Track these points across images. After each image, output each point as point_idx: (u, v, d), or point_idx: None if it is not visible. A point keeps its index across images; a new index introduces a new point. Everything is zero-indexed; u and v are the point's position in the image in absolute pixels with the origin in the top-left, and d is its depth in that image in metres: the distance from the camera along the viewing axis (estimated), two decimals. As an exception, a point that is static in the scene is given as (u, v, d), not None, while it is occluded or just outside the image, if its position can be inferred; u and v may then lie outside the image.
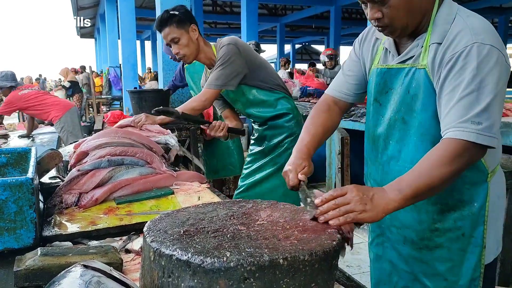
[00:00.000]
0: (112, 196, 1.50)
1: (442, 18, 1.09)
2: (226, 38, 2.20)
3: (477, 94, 0.98)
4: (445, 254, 1.16)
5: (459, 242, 1.15)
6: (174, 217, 0.91)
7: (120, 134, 1.71)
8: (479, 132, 0.97)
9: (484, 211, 1.14)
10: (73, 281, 0.69)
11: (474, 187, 1.13)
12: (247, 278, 0.66)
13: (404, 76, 1.16)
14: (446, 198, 1.15)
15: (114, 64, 11.68)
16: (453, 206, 1.15)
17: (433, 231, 1.17)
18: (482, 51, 0.99)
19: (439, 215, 1.17)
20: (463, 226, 1.14)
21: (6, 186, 1.02)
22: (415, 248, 1.21)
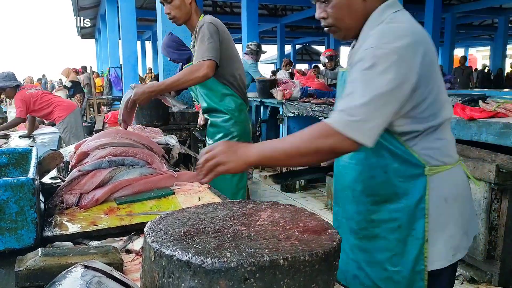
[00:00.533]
0: (112, 196, 1.50)
1: (369, 24, 1.14)
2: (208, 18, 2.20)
3: (361, 90, 1.02)
4: (383, 244, 1.21)
5: (396, 233, 1.18)
6: (175, 217, 0.91)
7: (120, 135, 1.71)
8: (347, 124, 1.00)
9: (423, 205, 1.14)
10: (74, 281, 0.69)
11: (409, 181, 1.15)
12: (247, 278, 0.67)
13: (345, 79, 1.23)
14: (378, 190, 1.20)
15: (115, 65, 11.69)
16: (387, 198, 1.19)
17: (370, 221, 1.23)
18: (376, 53, 1.02)
19: (374, 206, 1.21)
20: (399, 218, 1.17)
21: (7, 187, 1.02)
22: (357, 238, 1.27)
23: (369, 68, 1.02)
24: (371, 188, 1.21)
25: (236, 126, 2.34)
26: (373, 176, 1.20)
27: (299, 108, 4.80)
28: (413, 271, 1.16)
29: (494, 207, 2.56)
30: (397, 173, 1.16)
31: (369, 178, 1.21)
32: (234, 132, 2.34)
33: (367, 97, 1.00)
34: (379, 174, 1.18)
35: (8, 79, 4.49)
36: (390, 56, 1.01)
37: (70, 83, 10.72)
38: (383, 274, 1.21)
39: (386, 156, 1.16)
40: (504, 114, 2.85)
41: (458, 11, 13.42)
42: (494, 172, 2.42)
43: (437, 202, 1.15)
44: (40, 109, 4.66)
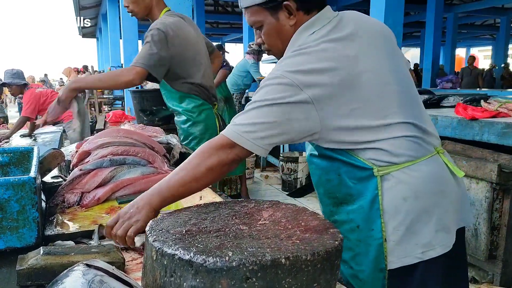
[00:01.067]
0: (114, 195, 1.50)
1: (287, 50, 1.21)
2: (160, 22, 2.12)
3: (249, 108, 1.10)
4: (346, 243, 1.22)
5: (355, 233, 1.22)
6: (176, 216, 0.91)
7: (122, 134, 1.71)
8: (229, 128, 1.09)
9: (378, 205, 1.16)
10: (76, 280, 0.69)
11: (361, 183, 1.18)
12: (249, 277, 0.66)
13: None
14: (335, 192, 1.24)
15: (116, 64, 11.69)
16: (343, 200, 1.23)
17: (333, 222, 1.24)
18: (270, 79, 1.10)
19: (335, 207, 1.26)
20: (355, 219, 1.21)
21: (8, 185, 1.02)
22: None
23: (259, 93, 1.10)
24: (329, 190, 1.26)
25: (196, 127, 2.32)
26: (329, 179, 1.25)
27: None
28: (375, 269, 1.18)
29: (496, 207, 2.56)
30: (348, 175, 1.19)
31: (326, 181, 1.26)
32: (194, 133, 2.32)
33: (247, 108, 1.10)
34: (334, 177, 1.23)
35: (17, 76, 4.51)
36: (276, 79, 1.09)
37: (70, 83, 10.71)
38: (350, 272, 1.25)
39: (336, 161, 1.20)
40: (506, 114, 2.84)
41: (460, 11, 13.39)
42: (496, 172, 2.42)
43: (394, 202, 1.16)
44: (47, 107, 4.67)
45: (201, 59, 2.32)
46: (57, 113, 2.11)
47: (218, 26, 19.85)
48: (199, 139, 2.31)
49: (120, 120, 3.73)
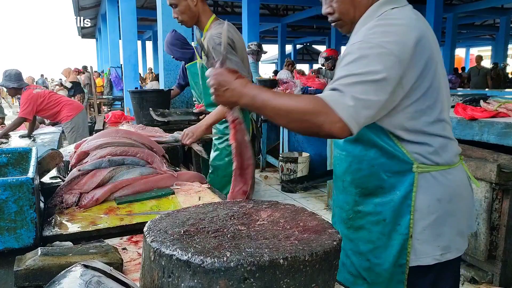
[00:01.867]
0: (112, 196, 1.50)
1: (362, 20, 1.16)
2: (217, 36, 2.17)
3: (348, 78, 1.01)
4: (367, 235, 1.23)
5: (379, 226, 1.20)
6: (175, 217, 0.90)
7: (120, 134, 1.71)
8: (340, 103, 0.98)
9: (410, 201, 1.15)
10: (73, 280, 0.68)
11: (396, 176, 1.16)
12: (247, 278, 0.66)
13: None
14: (365, 183, 1.22)
15: (115, 65, 11.70)
16: (373, 191, 1.21)
17: (356, 212, 1.25)
18: (365, 45, 1.04)
19: (361, 198, 1.24)
20: (383, 212, 1.19)
21: (6, 186, 1.02)
22: (346, 227, 1.30)
23: (354, 60, 1.03)
24: (358, 180, 1.23)
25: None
26: (361, 168, 1.21)
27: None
28: (394, 264, 1.18)
29: (495, 207, 2.56)
30: (383, 167, 1.17)
31: (357, 170, 1.23)
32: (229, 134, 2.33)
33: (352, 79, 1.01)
34: (366, 167, 1.20)
35: (8, 79, 4.49)
36: (375, 49, 1.02)
37: (70, 84, 10.74)
38: (366, 264, 1.24)
39: (374, 150, 1.17)
40: (506, 114, 2.84)
41: (460, 11, 13.40)
42: (495, 172, 2.42)
43: (428, 201, 1.15)
44: (47, 109, 4.67)
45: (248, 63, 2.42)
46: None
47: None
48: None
49: (119, 121, 3.73)
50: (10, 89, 4.54)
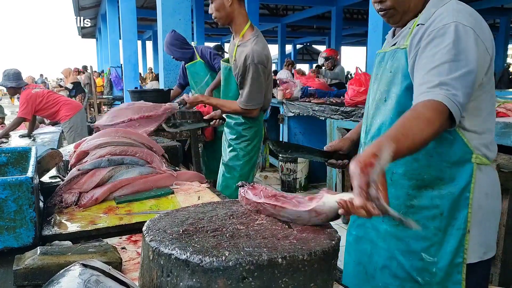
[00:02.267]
0: (112, 195, 1.50)
1: (431, 5, 1.12)
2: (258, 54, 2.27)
3: (449, 65, 0.98)
4: (421, 232, 1.14)
5: (436, 221, 1.13)
6: (174, 216, 0.91)
7: (120, 134, 1.71)
8: (447, 95, 0.96)
9: (468, 194, 1.11)
10: (72, 280, 0.68)
11: (456, 166, 1.11)
12: (245, 277, 0.66)
13: (388, 58, 1.20)
14: (422, 174, 1.13)
15: (115, 64, 11.70)
16: (430, 183, 1.13)
17: (409, 207, 1.16)
18: (460, 29, 1.00)
19: (415, 190, 1.15)
20: (441, 205, 1.12)
21: (6, 185, 1.02)
22: (392, 225, 1.20)
23: (452, 43, 0.99)
24: (414, 171, 1.15)
25: (249, 131, 2.46)
26: (417, 159, 1.13)
27: (299, 107, 4.79)
28: (451, 263, 1.12)
29: (494, 207, 2.56)
30: (443, 157, 1.11)
31: (412, 161, 1.14)
32: (246, 136, 2.47)
33: (458, 73, 0.97)
34: (423, 157, 1.13)
35: (7, 78, 4.49)
36: (470, 33, 1.00)
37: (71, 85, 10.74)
38: (418, 264, 1.15)
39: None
40: (505, 114, 2.84)
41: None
42: (494, 172, 2.42)
43: (479, 195, 1.12)
44: (46, 108, 4.68)
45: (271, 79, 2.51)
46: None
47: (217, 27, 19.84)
48: (250, 142, 2.47)
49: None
50: (9, 88, 4.54)
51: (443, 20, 1.04)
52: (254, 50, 2.25)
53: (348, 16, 17.13)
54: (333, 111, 3.99)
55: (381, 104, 1.22)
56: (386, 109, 1.19)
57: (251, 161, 2.50)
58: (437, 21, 1.05)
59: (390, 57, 1.20)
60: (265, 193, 0.92)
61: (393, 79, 1.17)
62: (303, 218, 0.83)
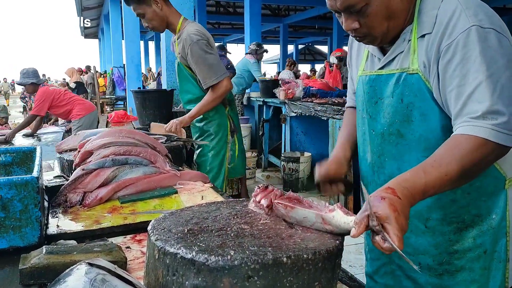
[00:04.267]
0: (116, 195, 1.50)
1: (426, 6, 0.98)
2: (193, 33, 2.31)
3: (487, 84, 0.87)
4: (468, 276, 1.05)
5: (481, 260, 1.04)
6: (178, 216, 0.91)
7: (124, 134, 1.71)
8: (494, 128, 0.86)
9: (505, 222, 1.03)
10: (78, 278, 0.69)
11: (491, 198, 1.02)
12: (251, 276, 0.67)
13: (394, 84, 1.04)
14: (462, 215, 1.04)
15: (118, 65, 11.72)
16: (470, 223, 1.04)
17: (452, 253, 1.06)
18: (482, 35, 0.89)
19: (456, 235, 1.05)
20: (484, 243, 1.03)
21: (11, 185, 1.03)
22: (435, 275, 1.08)
23: (480, 56, 0.88)
24: (453, 214, 1.04)
25: (210, 125, 2.50)
26: (454, 200, 1.03)
27: (301, 108, 4.79)
28: None
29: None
30: (480, 191, 1.02)
31: (450, 203, 1.04)
32: (209, 131, 2.51)
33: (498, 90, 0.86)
34: (461, 196, 1.02)
35: (26, 75, 4.63)
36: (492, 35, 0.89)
37: (74, 84, 10.78)
38: None
39: None
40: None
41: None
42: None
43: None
44: (60, 106, 4.81)
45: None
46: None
47: (219, 27, 19.87)
48: (214, 136, 2.49)
49: (122, 120, 3.74)
50: (29, 85, 4.66)
51: (457, 26, 0.91)
52: (188, 33, 2.32)
53: (350, 16, 17.09)
54: (335, 111, 3.99)
55: (393, 139, 1.07)
56: (404, 145, 1.05)
57: (219, 155, 2.51)
58: (451, 27, 0.92)
59: (396, 83, 1.04)
60: (278, 194, 0.92)
61: (410, 110, 1.02)
62: (309, 219, 0.83)
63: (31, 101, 8.17)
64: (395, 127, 1.06)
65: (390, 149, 1.09)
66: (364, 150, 1.20)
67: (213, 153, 2.50)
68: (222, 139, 2.51)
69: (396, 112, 1.05)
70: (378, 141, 1.12)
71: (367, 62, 1.14)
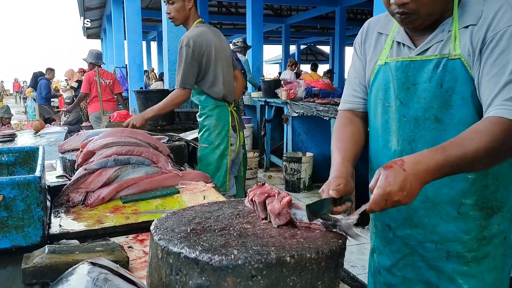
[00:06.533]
0: (118, 195, 1.50)
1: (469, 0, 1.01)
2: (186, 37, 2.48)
3: None
4: (491, 263, 1.07)
5: (501, 247, 1.06)
6: (181, 215, 0.91)
7: (126, 134, 1.71)
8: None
9: None
10: (81, 277, 0.69)
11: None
12: (254, 275, 0.67)
13: (432, 69, 1.04)
14: (491, 200, 1.04)
15: (120, 65, 11.73)
16: (496, 209, 1.05)
17: (481, 239, 1.06)
18: None
19: (486, 220, 1.06)
20: (505, 229, 1.06)
21: (14, 185, 1.03)
22: (463, 262, 1.08)
23: None
24: (485, 199, 1.05)
25: (207, 120, 2.59)
26: (486, 185, 1.04)
27: (303, 108, 4.79)
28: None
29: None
30: (506, 177, 1.04)
31: (482, 188, 1.04)
32: (207, 125, 2.60)
33: None
34: (491, 182, 1.04)
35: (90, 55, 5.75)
36: None
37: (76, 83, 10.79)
38: None
39: None
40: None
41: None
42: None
43: None
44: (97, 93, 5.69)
45: (223, 65, 2.60)
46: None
47: (221, 27, 19.86)
48: (211, 130, 2.58)
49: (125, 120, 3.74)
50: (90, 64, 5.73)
51: (503, 20, 0.94)
52: (185, 34, 2.50)
53: (352, 17, 17.11)
54: (337, 111, 3.99)
55: (429, 124, 1.07)
56: (441, 130, 1.05)
57: (218, 149, 2.57)
58: (497, 19, 0.95)
59: (434, 68, 1.04)
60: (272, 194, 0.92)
61: (450, 95, 1.03)
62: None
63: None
64: (432, 112, 1.06)
65: (424, 134, 1.08)
66: (385, 139, 1.17)
67: (211, 147, 2.56)
68: (220, 134, 2.58)
69: (434, 97, 1.05)
70: (410, 127, 1.10)
71: (391, 51, 1.14)
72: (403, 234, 1.16)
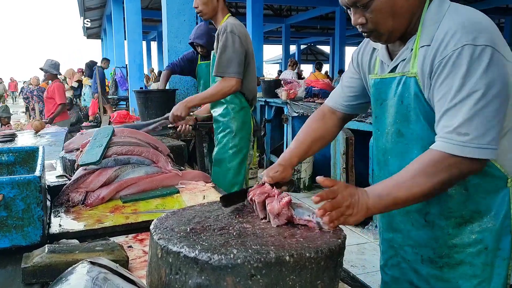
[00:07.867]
0: (118, 194, 1.50)
1: (429, 18, 1.03)
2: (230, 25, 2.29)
3: (466, 102, 0.92)
4: (469, 270, 1.08)
5: (482, 256, 1.07)
6: (180, 215, 0.91)
7: (126, 134, 1.71)
8: (465, 144, 0.91)
9: (509, 221, 1.05)
10: (80, 277, 0.69)
11: (491, 196, 1.05)
12: (254, 274, 0.67)
13: (396, 86, 1.10)
14: (460, 210, 1.07)
15: (120, 65, 11.74)
16: (469, 219, 1.07)
17: (451, 247, 1.09)
18: (473, 53, 0.92)
19: (455, 229, 1.09)
20: (484, 239, 1.06)
21: (14, 184, 1.03)
22: (436, 267, 1.13)
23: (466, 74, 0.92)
24: (450, 209, 1.08)
25: (233, 122, 2.43)
26: (451, 195, 1.07)
27: (303, 108, 4.79)
28: None
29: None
30: (478, 189, 1.05)
31: (446, 198, 1.08)
32: (231, 128, 2.44)
33: (476, 108, 0.91)
34: (458, 192, 1.06)
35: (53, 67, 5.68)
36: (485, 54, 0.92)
37: (76, 83, 10.79)
38: None
39: None
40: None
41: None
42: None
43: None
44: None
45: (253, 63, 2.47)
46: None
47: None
48: (234, 134, 2.42)
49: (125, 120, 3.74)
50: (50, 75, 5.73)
51: (451, 43, 0.95)
52: (227, 22, 2.30)
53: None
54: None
55: (394, 137, 1.13)
56: (405, 144, 1.11)
57: (240, 153, 2.42)
58: (445, 43, 0.96)
59: (397, 85, 1.10)
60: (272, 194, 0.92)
61: (408, 111, 1.08)
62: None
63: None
64: (397, 126, 1.13)
65: (392, 147, 1.15)
66: (374, 147, 1.26)
67: (234, 150, 2.41)
68: (244, 138, 2.43)
69: (397, 113, 1.11)
70: (382, 140, 1.18)
71: (379, 68, 1.20)
72: (387, 237, 1.25)
